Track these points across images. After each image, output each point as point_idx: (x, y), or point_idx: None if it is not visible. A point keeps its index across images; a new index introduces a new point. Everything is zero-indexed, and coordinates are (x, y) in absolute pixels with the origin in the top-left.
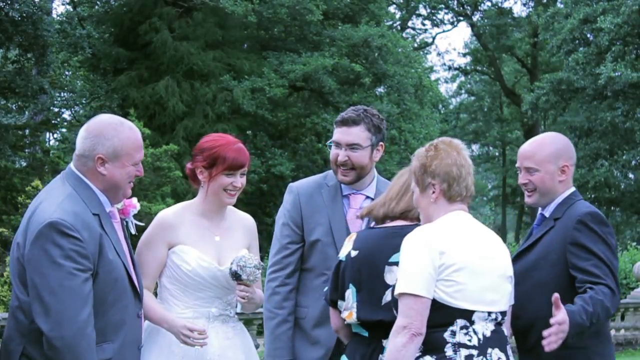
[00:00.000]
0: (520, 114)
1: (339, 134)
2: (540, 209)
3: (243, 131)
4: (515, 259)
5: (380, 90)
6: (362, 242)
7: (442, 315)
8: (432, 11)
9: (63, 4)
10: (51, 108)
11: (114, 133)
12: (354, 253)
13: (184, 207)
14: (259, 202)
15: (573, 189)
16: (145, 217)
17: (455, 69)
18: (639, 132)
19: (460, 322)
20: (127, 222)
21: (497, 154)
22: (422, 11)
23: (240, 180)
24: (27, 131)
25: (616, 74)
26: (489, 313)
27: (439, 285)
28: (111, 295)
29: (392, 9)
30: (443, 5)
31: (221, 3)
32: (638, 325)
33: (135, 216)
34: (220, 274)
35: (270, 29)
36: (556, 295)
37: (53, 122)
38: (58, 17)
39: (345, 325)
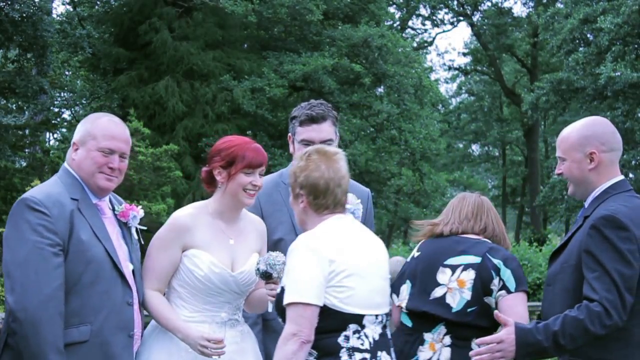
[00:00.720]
0: (520, 114)
1: (311, 131)
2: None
3: (243, 131)
4: (551, 258)
5: (380, 90)
6: (426, 245)
7: (335, 321)
8: (432, 11)
9: (63, 4)
10: (51, 108)
11: (89, 121)
12: (416, 254)
13: (200, 208)
14: None
15: (617, 179)
16: (145, 216)
17: (455, 69)
18: (639, 132)
19: (353, 326)
20: (130, 226)
21: (497, 154)
22: (422, 11)
23: (259, 180)
24: (27, 131)
25: (616, 74)
26: (377, 316)
27: (330, 292)
28: (86, 277)
29: (392, 9)
30: (443, 5)
31: (221, 3)
32: None
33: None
34: (232, 279)
35: (270, 29)
36: (496, 312)
37: (53, 122)
38: (58, 17)
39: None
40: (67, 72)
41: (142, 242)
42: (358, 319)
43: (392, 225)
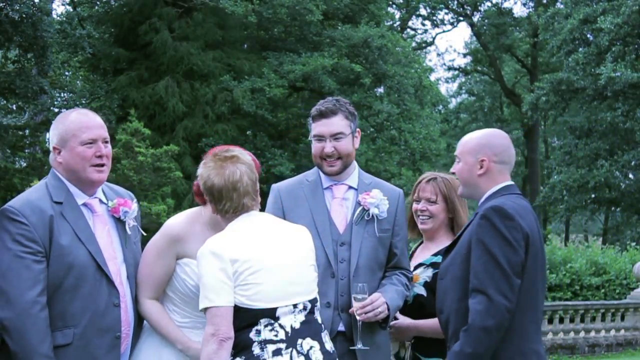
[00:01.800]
0: (520, 114)
1: (321, 126)
2: None
3: (243, 131)
4: (444, 254)
5: (380, 90)
6: None
7: (245, 318)
8: (432, 11)
9: (63, 4)
10: (51, 108)
11: (60, 122)
12: None
13: (193, 217)
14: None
15: (506, 183)
16: (145, 217)
17: (455, 69)
18: (639, 132)
19: (264, 320)
20: (124, 221)
21: None
22: (422, 11)
23: None
24: (27, 131)
25: (616, 74)
26: (295, 305)
27: (238, 291)
28: (68, 281)
29: (392, 9)
30: (443, 6)
31: (221, 3)
32: (638, 325)
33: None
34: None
35: (270, 29)
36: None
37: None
38: (58, 18)
39: None
40: (67, 73)
41: (145, 234)
42: (269, 312)
43: None
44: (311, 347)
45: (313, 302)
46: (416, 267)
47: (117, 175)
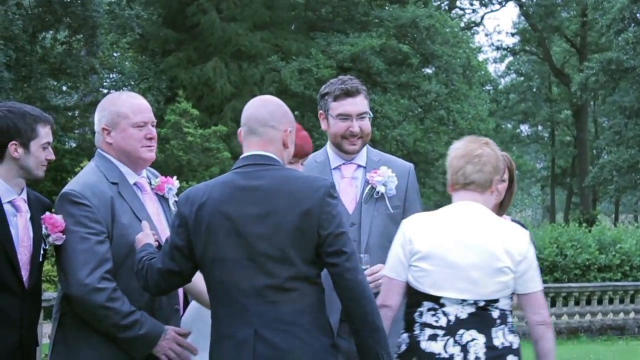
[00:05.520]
0: (569, 94)
1: (348, 105)
2: None
3: (291, 111)
4: None
5: (428, 70)
6: None
7: (413, 297)
8: None
9: None
10: (100, 89)
11: (110, 103)
12: None
13: None
14: None
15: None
16: None
17: (504, 49)
18: None
19: (428, 304)
20: (167, 199)
21: (546, 134)
22: None
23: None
24: (76, 112)
25: None
26: (463, 300)
27: (410, 270)
28: (129, 260)
29: None
30: None
31: None
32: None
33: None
34: None
35: (318, 9)
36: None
37: None
38: None
39: None
40: (115, 54)
41: None
42: (433, 298)
43: (439, 205)
44: (473, 339)
45: (489, 302)
46: None
47: (166, 156)
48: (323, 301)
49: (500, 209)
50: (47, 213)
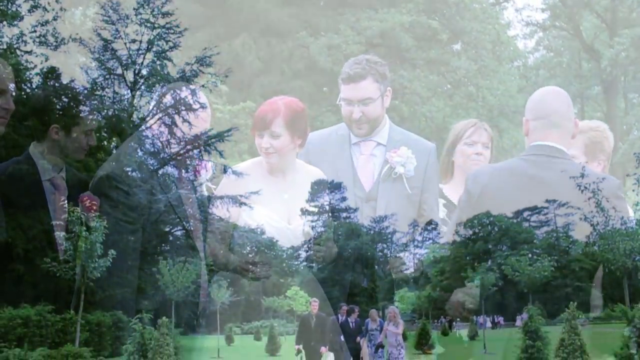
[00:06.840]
0: (599, 70)
1: (349, 91)
2: None
3: (319, 88)
4: None
5: (457, 47)
6: None
7: None
8: None
9: None
10: None
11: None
12: None
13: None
14: None
15: None
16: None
17: (534, 24)
18: None
19: None
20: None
21: (575, 110)
22: None
23: (265, 142)
24: None
25: None
26: None
27: None
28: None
29: None
30: None
31: None
32: None
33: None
34: (289, 232)
35: None
36: None
37: None
38: None
39: None
40: None
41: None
42: None
43: None
44: None
45: None
46: None
47: None
48: None
49: None
50: (84, 193)
